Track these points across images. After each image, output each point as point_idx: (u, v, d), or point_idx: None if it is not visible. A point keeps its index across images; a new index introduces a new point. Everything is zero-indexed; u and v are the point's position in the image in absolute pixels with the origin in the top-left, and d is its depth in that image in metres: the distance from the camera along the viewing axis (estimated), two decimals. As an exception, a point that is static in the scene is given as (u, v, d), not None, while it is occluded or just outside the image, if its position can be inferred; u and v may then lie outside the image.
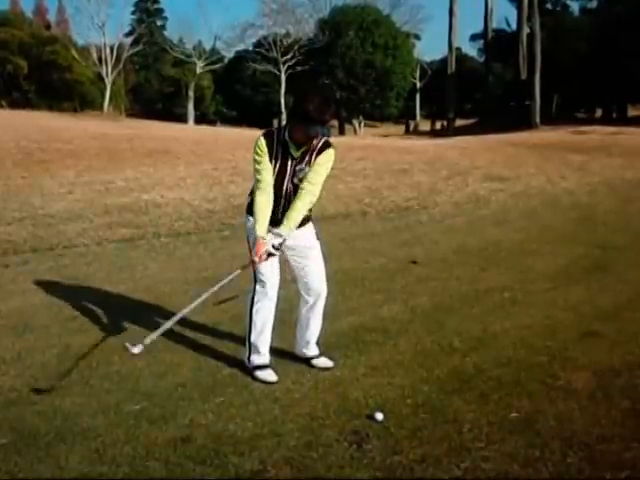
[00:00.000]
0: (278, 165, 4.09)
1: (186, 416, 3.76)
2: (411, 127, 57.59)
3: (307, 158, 4.09)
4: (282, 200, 4.16)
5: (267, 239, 4.05)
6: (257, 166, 4.09)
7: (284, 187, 4.14)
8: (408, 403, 3.93)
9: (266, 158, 4.07)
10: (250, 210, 4.26)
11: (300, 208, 4.10)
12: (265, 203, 4.09)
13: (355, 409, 3.85)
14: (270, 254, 4.07)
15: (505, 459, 3.32)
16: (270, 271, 4.25)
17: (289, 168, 4.09)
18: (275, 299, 4.31)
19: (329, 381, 4.24)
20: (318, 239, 4.38)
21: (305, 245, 4.30)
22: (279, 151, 4.07)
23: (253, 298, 4.31)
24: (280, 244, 4.08)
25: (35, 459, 3.31)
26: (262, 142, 4.08)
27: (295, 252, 4.30)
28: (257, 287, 4.29)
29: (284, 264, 4.36)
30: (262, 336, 4.31)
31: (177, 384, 4.18)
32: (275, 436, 3.54)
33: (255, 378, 4.24)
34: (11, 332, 5.14)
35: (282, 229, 4.07)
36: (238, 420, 3.72)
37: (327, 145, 4.12)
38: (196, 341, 4.93)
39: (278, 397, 4.01)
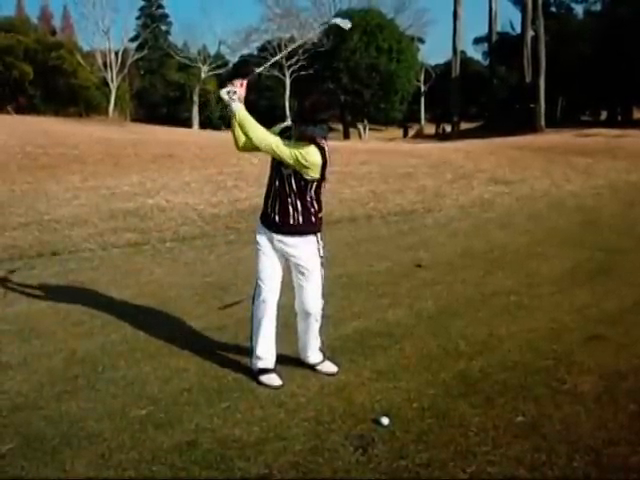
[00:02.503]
0: None
1: (192, 421, 3.76)
2: (409, 132, 57.19)
3: None
4: (271, 194, 4.20)
5: (236, 88, 4.08)
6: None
7: (275, 181, 4.16)
8: (414, 407, 3.92)
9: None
10: (262, 217, 4.30)
11: (255, 124, 4.07)
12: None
13: (361, 413, 3.85)
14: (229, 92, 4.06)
15: (511, 463, 3.32)
16: (269, 276, 4.25)
17: None
18: (273, 304, 4.28)
19: (334, 385, 4.24)
20: (322, 256, 4.29)
21: (306, 265, 4.23)
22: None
23: (253, 300, 4.34)
24: (231, 94, 4.06)
25: (41, 463, 3.33)
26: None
27: (296, 266, 4.27)
28: (255, 290, 4.31)
29: (286, 270, 4.35)
30: (259, 338, 4.29)
31: (183, 389, 4.19)
32: (281, 440, 3.54)
33: (260, 382, 4.24)
34: (17, 337, 5.15)
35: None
36: (244, 424, 3.72)
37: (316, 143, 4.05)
38: (201, 346, 4.92)
39: (284, 401, 4.01)
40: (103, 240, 8.92)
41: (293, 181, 4.09)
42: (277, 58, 4.55)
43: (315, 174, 4.06)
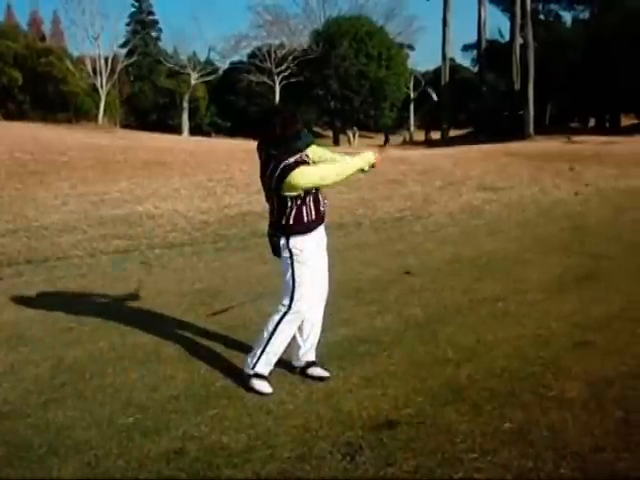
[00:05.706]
0: None
1: (179, 428, 3.76)
2: (390, 140, 56.85)
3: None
4: (306, 207, 4.40)
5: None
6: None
7: (309, 195, 4.47)
8: (401, 414, 3.93)
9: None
10: (293, 230, 4.26)
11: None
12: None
13: (348, 421, 3.85)
14: None
15: (498, 470, 3.32)
16: (312, 283, 4.27)
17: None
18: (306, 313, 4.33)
19: (322, 392, 4.24)
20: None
21: (323, 248, 4.47)
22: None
23: (286, 313, 4.21)
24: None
25: (28, 472, 3.31)
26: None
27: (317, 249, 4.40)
28: (294, 307, 4.20)
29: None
30: (281, 349, 4.29)
31: (170, 396, 4.18)
32: (268, 448, 3.54)
33: (250, 386, 4.23)
34: (4, 344, 5.14)
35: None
36: (231, 432, 3.72)
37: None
38: (190, 353, 4.92)
39: (271, 409, 4.00)
40: (92, 247, 8.90)
41: None
42: None
43: None
